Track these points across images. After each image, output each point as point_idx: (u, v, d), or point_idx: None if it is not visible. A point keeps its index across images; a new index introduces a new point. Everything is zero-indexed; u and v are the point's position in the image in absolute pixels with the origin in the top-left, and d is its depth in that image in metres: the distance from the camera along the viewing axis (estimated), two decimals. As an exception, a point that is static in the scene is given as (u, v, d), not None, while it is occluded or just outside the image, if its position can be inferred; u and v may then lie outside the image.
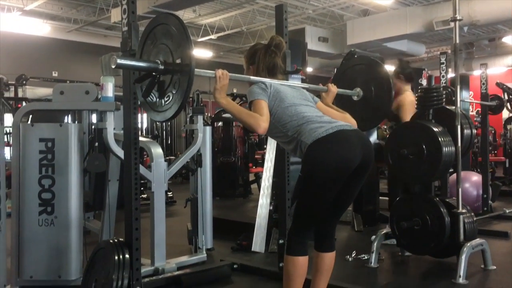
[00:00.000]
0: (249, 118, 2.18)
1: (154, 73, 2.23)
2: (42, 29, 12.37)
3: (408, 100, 4.04)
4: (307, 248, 2.25)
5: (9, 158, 4.84)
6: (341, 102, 2.94)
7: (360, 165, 2.17)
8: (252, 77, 2.42)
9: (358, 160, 2.16)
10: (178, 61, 2.14)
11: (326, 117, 2.34)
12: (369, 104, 3.03)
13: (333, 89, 2.74)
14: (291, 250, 2.24)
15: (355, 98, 3.07)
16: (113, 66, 2.10)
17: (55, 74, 12.89)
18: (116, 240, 2.53)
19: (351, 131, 2.24)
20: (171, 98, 2.20)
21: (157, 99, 2.29)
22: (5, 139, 5.56)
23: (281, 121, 2.29)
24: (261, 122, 2.16)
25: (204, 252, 3.70)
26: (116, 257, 2.42)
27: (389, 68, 4.34)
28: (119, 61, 2.09)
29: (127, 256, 2.44)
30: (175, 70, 2.15)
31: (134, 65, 2.24)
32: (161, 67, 2.19)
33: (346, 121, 2.46)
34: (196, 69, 2.10)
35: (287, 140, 2.31)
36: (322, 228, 2.34)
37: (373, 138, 5.17)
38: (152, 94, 2.32)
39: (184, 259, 3.55)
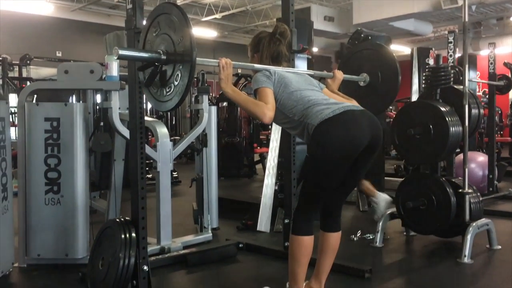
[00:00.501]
0: (255, 108, 2.16)
1: (156, 63, 2.21)
2: (46, 8, 12.27)
3: None
4: (313, 228, 2.25)
5: (14, 138, 4.85)
6: (347, 88, 2.91)
7: (368, 145, 2.15)
8: (256, 65, 2.41)
9: (366, 141, 2.14)
10: (180, 51, 2.11)
11: (333, 99, 2.32)
12: (376, 90, 3.00)
13: (339, 75, 2.72)
14: (297, 229, 2.24)
15: (361, 83, 3.03)
16: (115, 58, 2.08)
17: (59, 54, 12.83)
18: (122, 219, 2.54)
19: (359, 111, 2.21)
20: (172, 89, 2.19)
21: (159, 89, 2.27)
22: (11, 119, 5.57)
23: (287, 106, 2.28)
24: (267, 110, 2.14)
25: (210, 231, 3.72)
26: (123, 236, 2.43)
27: (396, 48, 4.28)
28: (121, 52, 2.07)
29: (133, 235, 2.44)
30: (177, 60, 2.13)
31: (136, 56, 2.22)
32: (163, 57, 2.17)
33: None
34: (199, 58, 2.08)
35: (293, 125, 2.30)
36: (328, 208, 2.34)
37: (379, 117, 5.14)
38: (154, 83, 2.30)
39: (190, 238, 3.58)
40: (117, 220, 2.55)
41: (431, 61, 5.78)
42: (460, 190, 3.32)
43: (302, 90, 2.30)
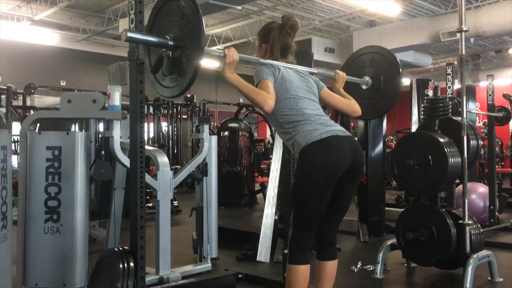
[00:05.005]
0: (257, 95, 2.19)
1: (164, 49, 2.23)
2: (51, 38, 12.49)
3: None
4: (308, 257, 2.26)
5: (16, 166, 4.87)
6: (349, 90, 2.92)
7: (349, 170, 2.22)
8: (261, 60, 2.42)
9: (345, 166, 2.21)
10: (188, 37, 2.12)
11: (323, 118, 2.35)
12: (378, 92, 3.02)
13: (342, 75, 2.75)
14: (292, 258, 2.25)
15: (364, 86, 3.06)
16: (123, 40, 2.10)
17: (63, 83, 13.00)
18: (121, 249, 2.53)
19: (343, 137, 2.27)
20: (177, 75, 2.20)
21: (167, 76, 2.28)
22: (13, 147, 5.60)
23: (280, 111, 2.31)
24: (268, 100, 2.18)
25: (209, 261, 3.70)
26: (121, 266, 2.42)
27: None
28: (129, 34, 2.09)
29: (131, 264, 2.43)
30: (186, 46, 2.14)
31: (144, 39, 2.25)
32: (171, 42, 2.19)
33: (351, 107, 2.57)
34: (205, 48, 2.10)
35: (283, 131, 2.35)
36: (322, 236, 2.36)
37: (379, 147, 5.17)
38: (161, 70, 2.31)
39: (189, 268, 3.55)
40: (116, 249, 2.54)
41: (430, 92, 5.84)
42: (460, 221, 3.31)
43: (300, 99, 2.33)
